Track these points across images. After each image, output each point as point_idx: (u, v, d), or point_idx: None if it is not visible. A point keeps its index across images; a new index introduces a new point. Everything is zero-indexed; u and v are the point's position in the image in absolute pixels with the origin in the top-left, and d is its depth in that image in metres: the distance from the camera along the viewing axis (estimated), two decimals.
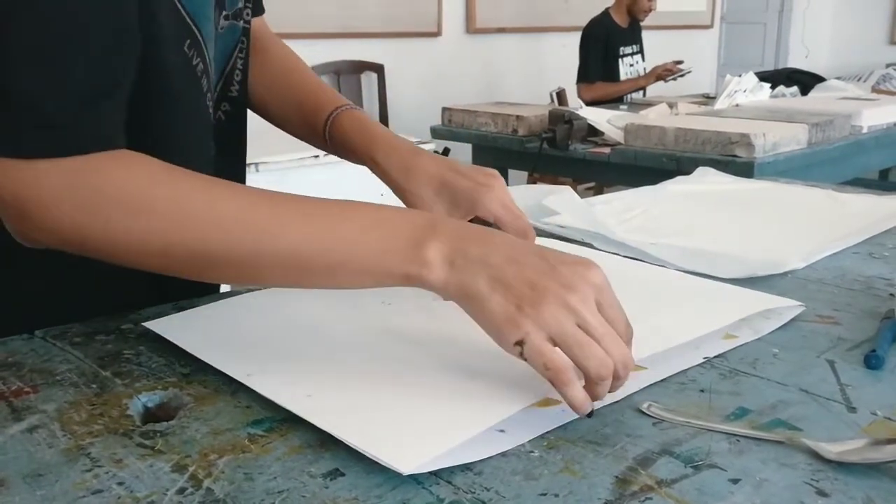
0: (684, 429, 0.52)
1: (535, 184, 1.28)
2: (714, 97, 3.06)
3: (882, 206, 1.13)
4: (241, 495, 0.45)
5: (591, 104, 3.09)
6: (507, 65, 4.78)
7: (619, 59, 4.06)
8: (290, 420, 0.53)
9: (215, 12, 0.76)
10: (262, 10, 0.90)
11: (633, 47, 4.16)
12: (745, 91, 2.83)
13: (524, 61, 4.86)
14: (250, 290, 0.79)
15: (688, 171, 1.38)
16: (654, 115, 2.52)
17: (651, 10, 4.10)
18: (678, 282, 0.80)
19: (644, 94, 4.09)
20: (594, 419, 0.53)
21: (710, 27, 6.13)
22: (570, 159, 2.43)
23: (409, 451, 0.48)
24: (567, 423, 0.53)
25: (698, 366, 0.62)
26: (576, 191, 1.09)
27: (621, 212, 1.10)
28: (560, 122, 2.44)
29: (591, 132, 2.44)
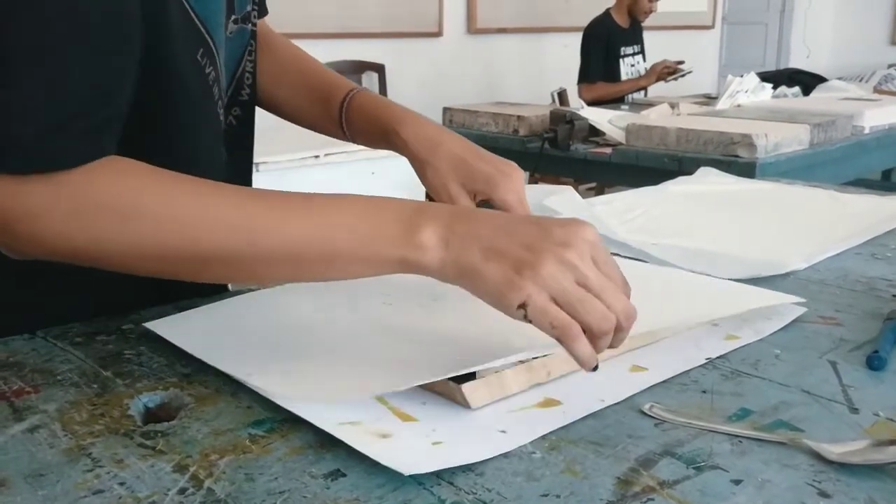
0: (686, 430, 0.52)
1: (536, 184, 1.27)
2: (715, 97, 3.06)
3: (884, 206, 1.13)
4: (242, 496, 0.45)
5: (592, 104, 3.08)
6: (508, 65, 4.78)
7: (620, 60, 4.06)
8: (290, 420, 0.53)
9: (225, 18, 0.76)
10: (266, 12, 0.90)
11: (635, 48, 4.15)
12: (746, 91, 2.83)
13: (525, 61, 4.86)
14: (251, 290, 0.79)
15: (689, 172, 1.38)
16: (655, 116, 2.52)
17: (652, 11, 4.09)
18: (680, 278, 0.80)
19: (645, 95, 4.09)
20: (596, 419, 0.53)
21: (711, 27, 6.12)
22: (572, 159, 2.43)
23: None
24: (569, 424, 0.53)
25: (700, 367, 0.62)
26: (577, 191, 1.09)
27: (623, 212, 1.10)
28: (561, 122, 2.44)
29: (593, 132, 2.44)
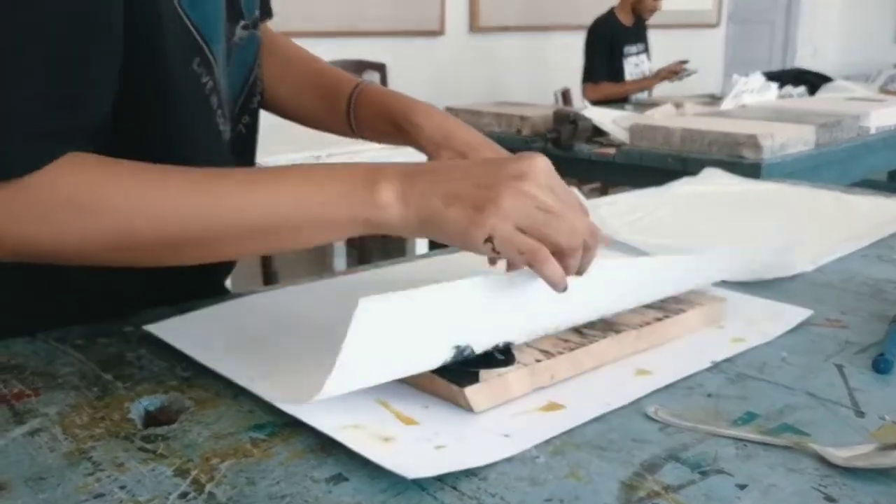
0: (691, 434, 0.52)
1: None
2: (720, 97, 3.05)
3: (890, 207, 1.13)
4: (243, 500, 0.45)
5: (597, 104, 3.08)
6: (511, 64, 4.77)
7: (625, 59, 4.05)
8: (292, 424, 0.53)
9: (229, 25, 0.75)
10: (271, 15, 0.89)
11: (639, 46, 4.14)
12: (751, 91, 2.82)
13: (528, 60, 4.85)
14: (252, 292, 0.79)
15: (694, 172, 1.38)
16: (659, 116, 2.51)
17: (656, 10, 4.08)
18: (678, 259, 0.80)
19: (650, 95, 4.08)
20: (600, 423, 0.53)
21: (716, 26, 6.11)
22: (575, 160, 2.42)
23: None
24: (573, 428, 0.52)
25: (705, 370, 0.61)
26: (581, 191, 1.09)
27: (627, 213, 1.10)
28: (565, 122, 2.43)
29: (596, 132, 2.43)
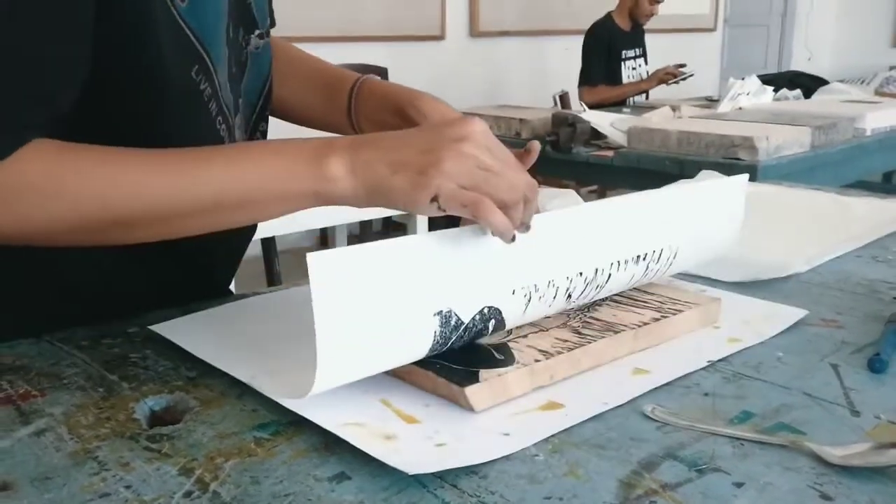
0: (688, 432, 0.52)
1: (538, 187, 1.27)
2: (717, 100, 3.06)
3: (885, 209, 1.13)
4: (247, 499, 0.45)
5: (594, 107, 3.09)
6: (510, 68, 4.78)
7: (622, 63, 4.06)
8: (295, 423, 0.53)
9: (245, 34, 0.76)
10: (274, 23, 0.90)
11: (636, 50, 4.15)
12: (748, 94, 2.83)
13: (527, 64, 4.86)
14: (256, 292, 0.79)
15: (691, 175, 1.38)
16: (657, 119, 2.52)
17: (653, 14, 4.09)
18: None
19: (647, 98, 4.09)
20: (599, 422, 0.53)
21: (713, 30, 6.12)
22: (574, 162, 2.43)
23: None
24: (571, 427, 0.53)
25: (702, 369, 0.62)
26: (579, 194, 1.10)
27: None
28: (563, 125, 2.44)
29: (595, 135, 2.44)
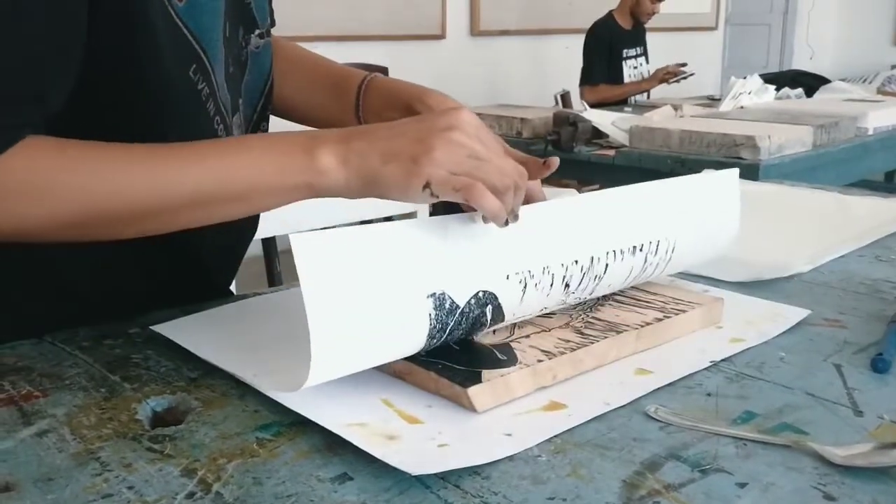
0: (691, 433, 0.52)
1: None
2: (718, 99, 3.06)
3: (888, 208, 1.13)
4: (249, 499, 0.45)
5: (595, 106, 3.08)
6: (511, 67, 4.78)
7: (623, 62, 4.05)
8: (298, 424, 0.53)
9: (245, 34, 0.75)
10: (274, 23, 0.90)
11: (637, 49, 4.15)
12: (749, 93, 2.83)
13: (528, 63, 4.86)
14: (257, 293, 0.79)
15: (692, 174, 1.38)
16: (658, 118, 2.52)
17: (654, 13, 4.09)
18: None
19: (648, 97, 4.09)
20: (601, 422, 0.53)
21: (714, 29, 6.12)
22: (575, 161, 2.43)
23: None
24: (574, 428, 0.53)
25: (704, 369, 0.62)
26: (580, 193, 1.09)
27: None
28: (564, 124, 2.44)
29: (596, 134, 2.44)
